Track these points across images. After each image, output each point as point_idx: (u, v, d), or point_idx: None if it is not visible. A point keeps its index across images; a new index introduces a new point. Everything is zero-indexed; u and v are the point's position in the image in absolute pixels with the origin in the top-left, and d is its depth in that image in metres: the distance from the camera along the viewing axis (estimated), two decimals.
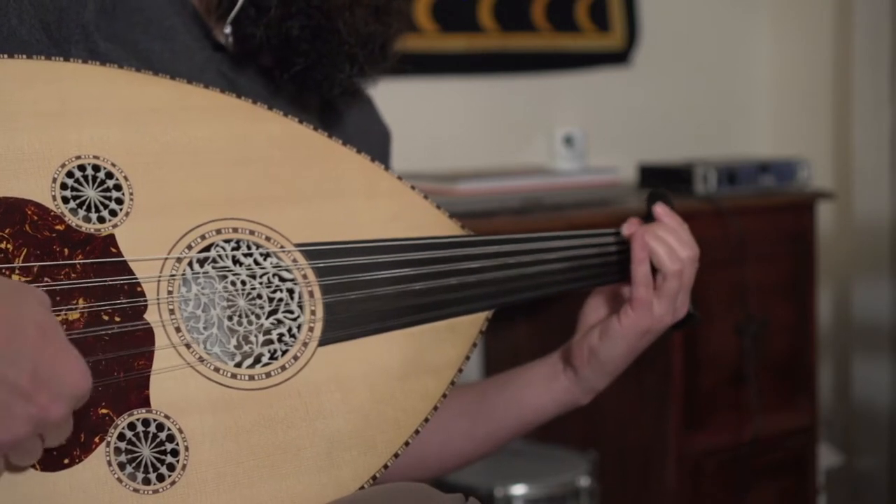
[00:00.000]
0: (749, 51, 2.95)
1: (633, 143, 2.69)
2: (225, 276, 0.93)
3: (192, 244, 0.91)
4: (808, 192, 2.40)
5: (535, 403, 1.17)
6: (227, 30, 1.08)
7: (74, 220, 0.86)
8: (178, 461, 0.85)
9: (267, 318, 0.94)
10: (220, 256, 0.93)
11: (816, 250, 2.39)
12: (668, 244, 1.10)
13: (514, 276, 1.08)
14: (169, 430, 0.85)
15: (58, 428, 0.78)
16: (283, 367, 0.92)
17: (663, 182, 2.31)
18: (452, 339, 1.03)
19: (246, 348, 0.93)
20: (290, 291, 0.95)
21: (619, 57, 2.70)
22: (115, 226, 0.88)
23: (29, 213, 0.84)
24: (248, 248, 0.94)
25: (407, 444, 0.97)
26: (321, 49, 1.07)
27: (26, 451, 0.77)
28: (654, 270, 1.11)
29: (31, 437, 0.75)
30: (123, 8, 1.03)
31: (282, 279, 0.95)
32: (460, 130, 2.49)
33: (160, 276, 0.88)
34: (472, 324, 1.05)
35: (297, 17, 1.06)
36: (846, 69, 2.78)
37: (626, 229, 1.13)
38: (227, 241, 0.93)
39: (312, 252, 0.97)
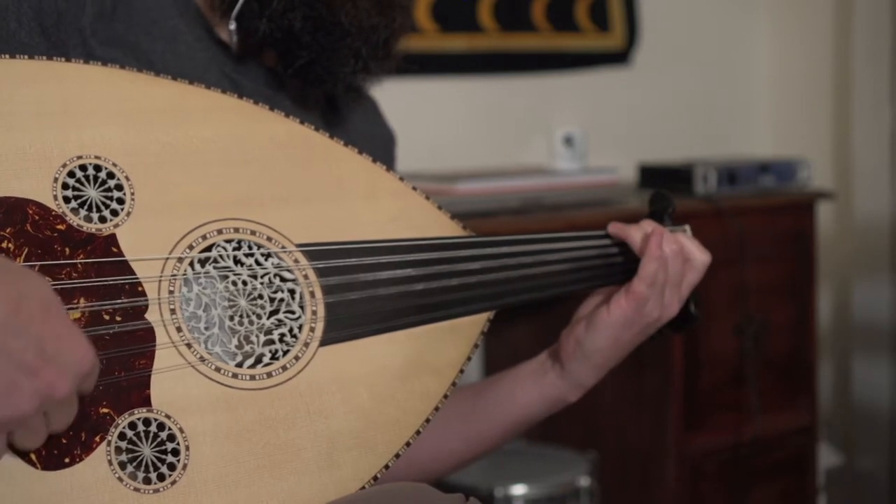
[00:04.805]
0: (749, 51, 2.95)
1: (633, 143, 2.68)
2: (226, 276, 0.93)
3: (194, 244, 0.91)
4: (808, 192, 2.40)
5: (524, 400, 1.17)
6: (232, 26, 1.07)
7: (76, 220, 0.86)
8: (178, 461, 0.85)
9: (268, 318, 0.94)
10: (221, 256, 0.93)
11: (816, 250, 2.39)
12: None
13: (515, 278, 1.08)
14: (170, 429, 0.85)
15: (62, 408, 0.77)
16: (285, 367, 0.92)
17: (663, 182, 2.31)
18: (454, 340, 1.03)
19: (247, 348, 0.93)
20: (292, 291, 0.95)
21: (619, 57, 2.70)
22: (116, 225, 0.88)
23: (30, 212, 0.84)
24: (250, 248, 0.94)
25: (408, 444, 0.97)
26: (323, 42, 1.07)
27: (31, 430, 0.76)
28: None
29: (36, 416, 0.75)
30: (124, 10, 1.03)
31: (283, 279, 0.95)
32: (460, 130, 2.49)
33: (161, 276, 0.88)
34: (473, 324, 1.05)
35: (299, 10, 1.06)
36: (846, 69, 2.77)
37: (614, 228, 1.13)
38: (229, 242, 0.93)
39: (314, 252, 0.97)
